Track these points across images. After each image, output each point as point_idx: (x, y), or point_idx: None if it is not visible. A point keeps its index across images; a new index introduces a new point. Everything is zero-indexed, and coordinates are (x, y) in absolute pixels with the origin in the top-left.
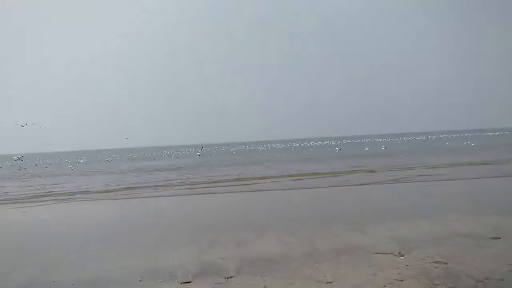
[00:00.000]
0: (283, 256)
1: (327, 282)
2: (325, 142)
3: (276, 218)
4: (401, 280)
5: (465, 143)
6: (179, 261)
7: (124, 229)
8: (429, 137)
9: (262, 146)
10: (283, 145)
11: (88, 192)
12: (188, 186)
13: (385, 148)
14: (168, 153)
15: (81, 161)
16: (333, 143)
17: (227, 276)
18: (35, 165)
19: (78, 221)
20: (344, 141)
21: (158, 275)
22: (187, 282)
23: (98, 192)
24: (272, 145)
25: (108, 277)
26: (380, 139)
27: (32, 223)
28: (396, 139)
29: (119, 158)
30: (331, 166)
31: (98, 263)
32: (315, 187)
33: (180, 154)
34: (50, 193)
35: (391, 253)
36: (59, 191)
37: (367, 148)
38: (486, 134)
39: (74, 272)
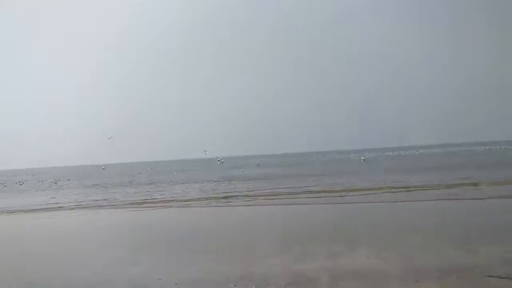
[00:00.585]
0: (379, 272)
1: None
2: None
3: (370, 231)
4: None
5: None
6: (271, 269)
7: (219, 235)
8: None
9: (354, 155)
10: (375, 154)
11: (185, 200)
12: (277, 196)
13: None
14: (257, 161)
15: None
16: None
17: None
18: (140, 173)
19: (177, 226)
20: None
21: (252, 282)
22: None
23: (194, 199)
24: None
25: (206, 279)
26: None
27: (137, 226)
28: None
29: (205, 166)
30: None
31: (197, 265)
32: (415, 200)
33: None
34: (153, 200)
35: (507, 278)
36: (160, 198)
37: None
38: None
39: (176, 273)
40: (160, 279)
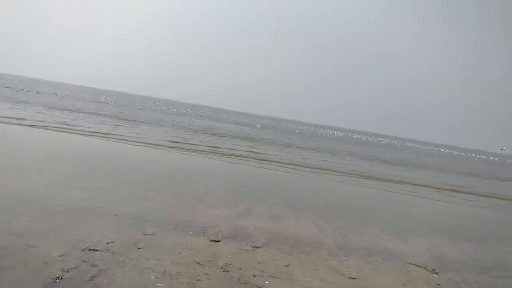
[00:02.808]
0: (314, 241)
1: (349, 278)
2: None
3: (319, 204)
4: None
5: None
6: (214, 220)
7: (182, 180)
8: None
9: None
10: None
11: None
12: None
13: None
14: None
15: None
16: None
17: (255, 245)
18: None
19: (145, 165)
20: None
21: (192, 227)
22: (215, 241)
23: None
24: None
25: (149, 217)
26: None
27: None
28: None
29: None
30: None
31: (147, 203)
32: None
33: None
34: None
35: (425, 268)
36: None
37: None
38: None
39: (121, 205)
40: (100, 207)
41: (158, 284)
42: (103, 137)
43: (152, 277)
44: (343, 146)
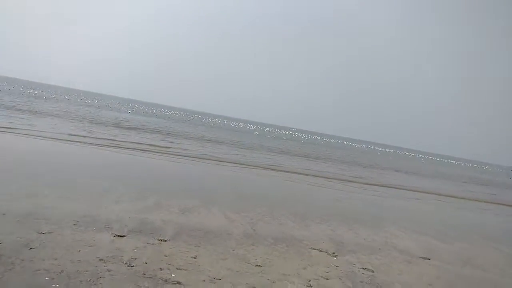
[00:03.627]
0: (223, 232)
1: (256, 265)
2: None
3: (230, 196)
4: (327, 279)
5: None
6: (119, 214)
7: (77, 172)
8: None
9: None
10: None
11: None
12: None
13: None
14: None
15: None
16: None
17: (162, 238)
18: None
19: (44, 158)
20: None
21: (94, 223)
22: (120, 236)
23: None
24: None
25: (44, 214)
26: None
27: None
28: None
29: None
30: None
31: (39, 199)
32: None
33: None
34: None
35: (326, 252)
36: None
37: None
38: None
39: (15, 203)
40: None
41: (54, 286)
42: None
43: (46, 278)
44: (257, 140)
